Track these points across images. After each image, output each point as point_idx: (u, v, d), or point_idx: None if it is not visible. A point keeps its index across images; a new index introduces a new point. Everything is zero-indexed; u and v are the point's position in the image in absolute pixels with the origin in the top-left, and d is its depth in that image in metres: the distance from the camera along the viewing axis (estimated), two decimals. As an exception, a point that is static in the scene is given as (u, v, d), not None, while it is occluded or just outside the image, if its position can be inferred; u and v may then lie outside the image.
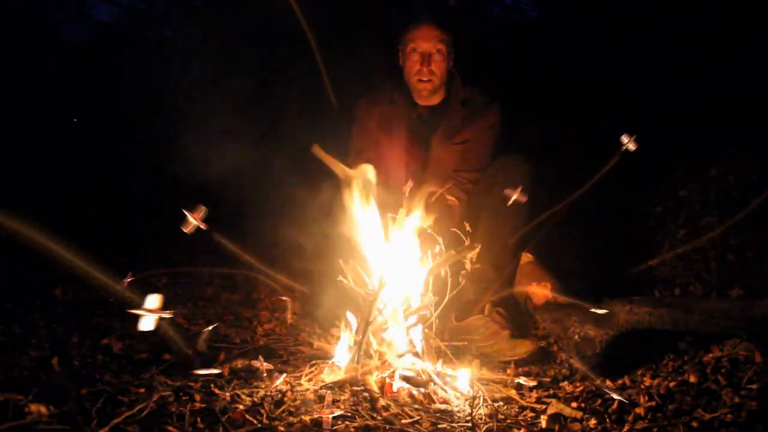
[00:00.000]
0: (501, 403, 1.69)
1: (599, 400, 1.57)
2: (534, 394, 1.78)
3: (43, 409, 1.27)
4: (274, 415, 1.45)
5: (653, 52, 3.65)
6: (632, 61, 3.75)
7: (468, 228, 1.94)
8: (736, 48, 3.20)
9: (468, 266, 1.86)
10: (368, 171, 1.88)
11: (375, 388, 1.67)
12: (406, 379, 1.77)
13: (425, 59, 2.49)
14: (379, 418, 1.51)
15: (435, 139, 2.57)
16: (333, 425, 1.43)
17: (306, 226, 2.32)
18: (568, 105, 3.60)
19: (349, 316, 1.90)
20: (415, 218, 1.88)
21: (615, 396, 1.52)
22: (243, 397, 1.56)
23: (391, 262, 1.85)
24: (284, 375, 1.73)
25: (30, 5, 3.75)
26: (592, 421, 1.47)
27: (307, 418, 1.45)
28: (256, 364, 1.74)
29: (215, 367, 1.70)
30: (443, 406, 1.66)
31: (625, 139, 1.87)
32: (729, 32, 3.27)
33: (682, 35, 3.48)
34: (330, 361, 1.87)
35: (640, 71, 3.68)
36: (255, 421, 1.41)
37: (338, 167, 1.90)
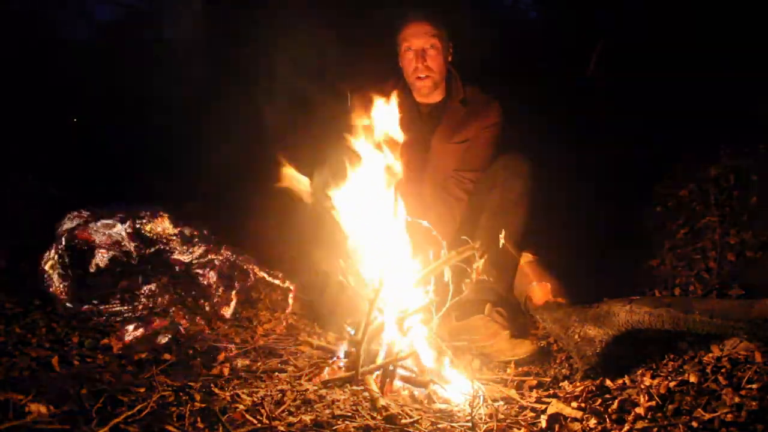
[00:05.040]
0: (501, 403, 1.69)
1: (599, 400, 1.57)
2: (534, 394, 1.78)
3: (43, 409, 1.27)
4: (274, 415, 1.45)
5: (653, 51, 3.65)
6: (633, 61, 3.75)
7: None
8: (736, 46, 3.20)
9: (474, 276, 1.86)
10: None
11: (375, 388, 1.67)
12: (406, 379, 1.77)
13: (420, 56, 2.49)
14: (379, 418, 1.51)
15: (435, 138, 2.57)
16: (333, 425, 1.43)
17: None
18: (569, 104, 3.60)
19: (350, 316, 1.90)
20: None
21: None
22: (243, 397, 1.56)
23: (392, 262, 1.85)
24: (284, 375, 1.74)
25: (30, 5, 3.75)
26: (592, 421, 1.47)
27: (307, 418, 1.45)
28: None
29: None
30: (443, 406, 1.66)
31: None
32: (729, 30, 3.27)
33: (683, 33, 3.47)
34: (330, 361, 1.87)
35: (640, 70, 3.68)
36: (255, 421, 1.41)
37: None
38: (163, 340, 1.92)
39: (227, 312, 2.18)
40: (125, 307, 2.06)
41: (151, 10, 4.23)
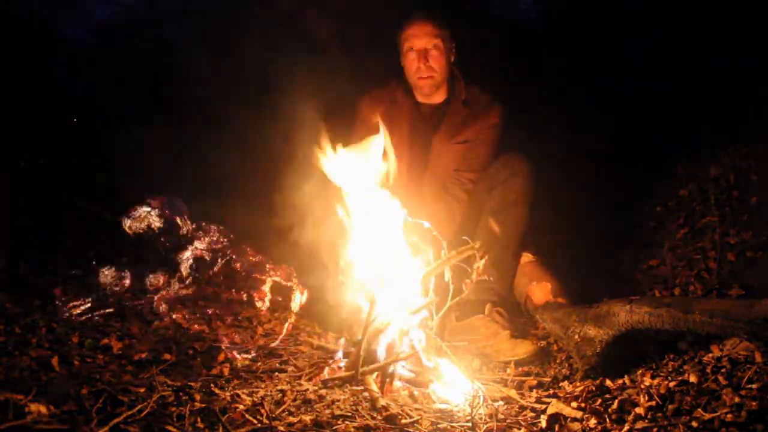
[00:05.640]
0: (501, 403, 1.69)
1: (599, 400, 1.57)
2: (534, 394, 1.78)
3: (43, 409, 1.27)
4: (274, 415, 1.45)
5: (653, 51, 3.65)
6: (632, 60, 3.75)
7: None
8: (736, 46, 3.20)
9: (474, 276, 1.86)
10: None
11: (375, 388, 1.67)
12: (406, 379, 1.77)
13: (422, 56, 2.49)
14: (379, 418, 1.51)
15: (436, 138, 2.57)
16: (333, 425, 1.43)
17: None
18: (570, 105, 3.60)
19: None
20: None
21: None
22: (243, 397, 1.56)
23: (392, 262, 1.85)
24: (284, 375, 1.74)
25: (30, 5, 3.75)
26: (592, 421, 1.47)
27: (307, 418, 1.45)
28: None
29: None
30: (443, 406, 1.66)
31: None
32: (729, 30, 3.27)
33: (683, 34, 3.48)
34: (330, 361, 1.87)
35: (640, 70, 3.68)
36: (255, 421, 1.41)
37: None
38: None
39: (263, 306, 2.19)
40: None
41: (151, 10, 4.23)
